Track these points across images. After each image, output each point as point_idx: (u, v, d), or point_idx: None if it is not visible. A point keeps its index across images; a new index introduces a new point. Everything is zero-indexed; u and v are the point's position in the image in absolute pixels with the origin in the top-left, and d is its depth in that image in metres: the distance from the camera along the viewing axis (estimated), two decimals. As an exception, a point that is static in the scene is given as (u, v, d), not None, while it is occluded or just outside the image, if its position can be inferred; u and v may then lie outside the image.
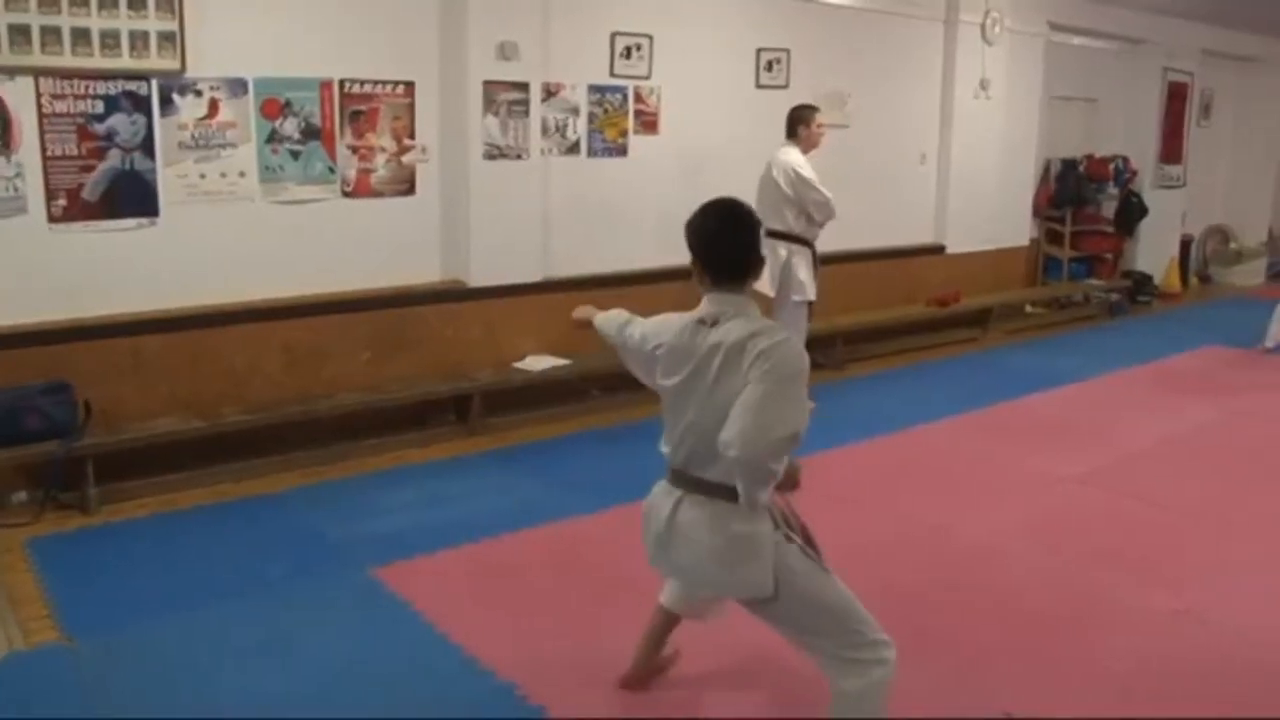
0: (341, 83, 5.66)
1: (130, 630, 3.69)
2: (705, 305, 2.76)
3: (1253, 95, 13.09)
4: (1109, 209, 11.03)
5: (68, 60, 4.79)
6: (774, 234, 6.35)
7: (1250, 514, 5.05)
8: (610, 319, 3.15)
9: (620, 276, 6.68)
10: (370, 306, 5.84)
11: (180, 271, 5.26)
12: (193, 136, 5.21)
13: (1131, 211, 11.04)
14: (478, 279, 6.11)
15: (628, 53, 6.75)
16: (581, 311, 3.31)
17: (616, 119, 6.79)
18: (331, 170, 5.70)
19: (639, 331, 2.96)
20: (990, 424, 6.49)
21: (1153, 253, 11.45)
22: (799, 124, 6.35)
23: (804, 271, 6.35)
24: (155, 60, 5.02)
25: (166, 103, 5.11)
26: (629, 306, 3.22)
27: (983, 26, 8.93)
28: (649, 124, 6.91)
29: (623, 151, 6.78)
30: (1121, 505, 5.11)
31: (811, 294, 6.39)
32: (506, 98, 6.10)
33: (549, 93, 6.40)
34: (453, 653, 3.55)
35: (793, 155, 6.26)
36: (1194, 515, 5.01)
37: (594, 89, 6.65)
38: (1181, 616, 3.94)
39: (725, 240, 2.76)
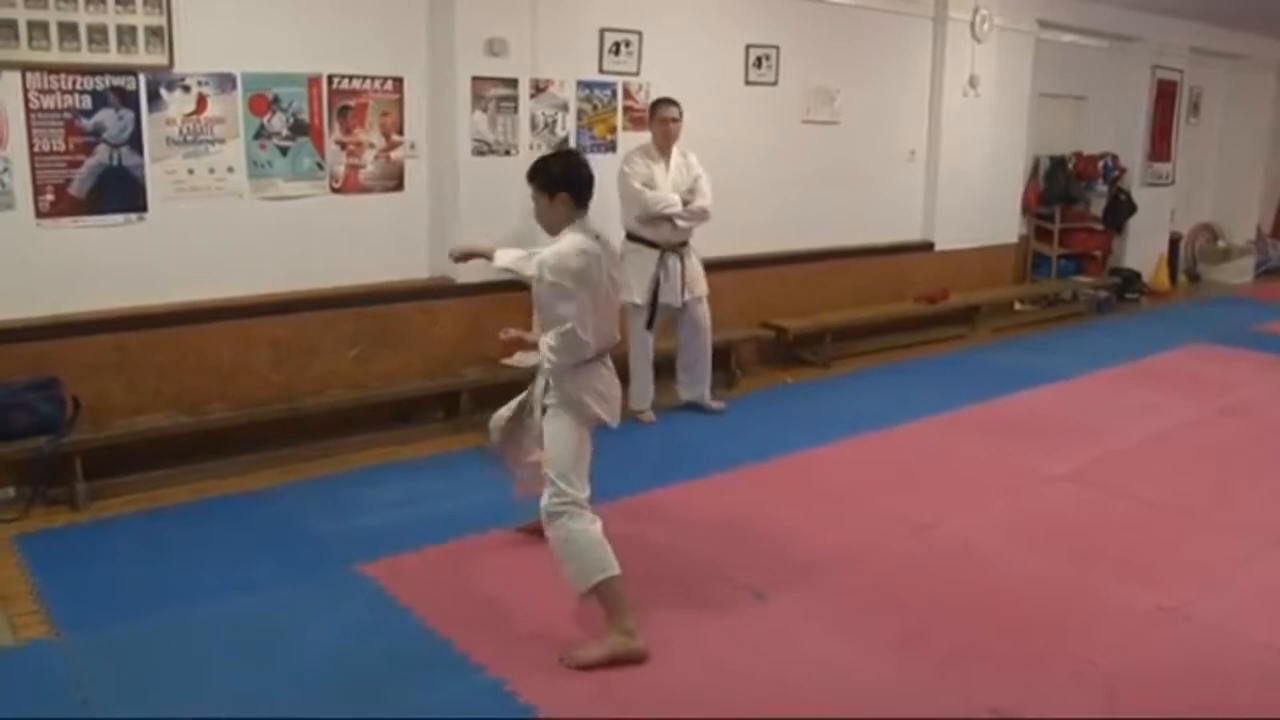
0: (330, 78, 5.65)
1: (119, 626, 3.69)
2: (588, 226, 3.93)
3: (1241, 93, 13.12)
4: (1098, 206, 11.08)
5: (55, 55, 4.79)
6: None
7: (1237, 511, 5.08)
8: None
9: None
10: (358, 303, 5.84)
11: (168, 267, 5.26)
12: (180, 132, 5.21)
13: (1120, 209, 11.08)
14: (466, 275, 6.10)
15: (617, 49, 6.75)
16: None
17: (605, 115, 6.79)
18: (320, 166, 5.69)
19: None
20: (977, 422, 6.51)
21: (1141, 250, 11.51)
22: (647, 120, 6.34)
23: (628, 271, 6.01)
24: (143, 55, 5.01)
25: (154, 98, 5.11)
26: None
27: (972, 23, 8.95)
28: (638, 120, 6.90)
29: (612, 148, 6.76)
30: (1109, 503, 5.14)
31: (638, 297, 6.14)
32: (495, 94, 6.10)
33: (538, 89, 6.39)
34: (441, 648, 3.57)
35: (633, 152, 6.24)
36: (1181, 512, 5.04)
37: (583, 85, 6.65)
38: (1169, 614, 3.97)
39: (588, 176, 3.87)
